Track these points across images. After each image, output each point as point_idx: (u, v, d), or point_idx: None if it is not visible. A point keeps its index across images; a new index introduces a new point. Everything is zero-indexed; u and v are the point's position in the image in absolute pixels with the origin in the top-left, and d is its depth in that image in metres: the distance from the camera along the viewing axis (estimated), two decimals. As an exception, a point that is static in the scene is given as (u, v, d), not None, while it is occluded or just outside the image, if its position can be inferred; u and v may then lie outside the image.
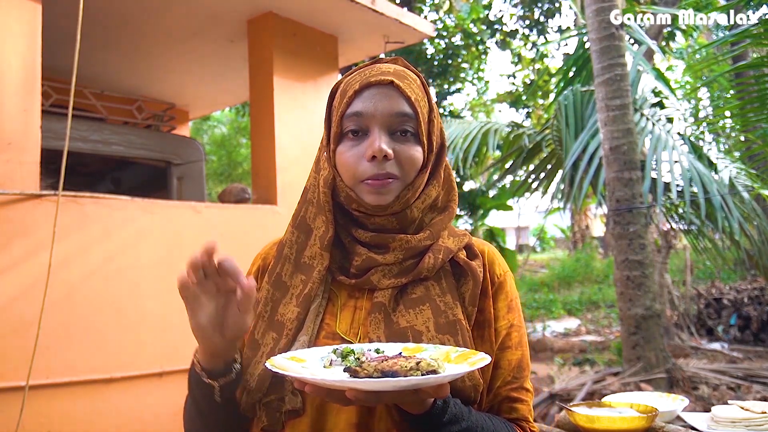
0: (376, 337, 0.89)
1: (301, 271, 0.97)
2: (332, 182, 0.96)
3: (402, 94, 0.93)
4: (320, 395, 0.75)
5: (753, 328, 7.32)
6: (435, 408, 0.80)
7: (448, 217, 1.02)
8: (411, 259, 0.95)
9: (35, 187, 2.53)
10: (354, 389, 0.70)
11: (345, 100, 0.94)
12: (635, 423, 1.28)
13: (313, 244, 0.97)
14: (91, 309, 2.69)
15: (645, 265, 4.44)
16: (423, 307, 0.92)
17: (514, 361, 0.96)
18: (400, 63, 1.01)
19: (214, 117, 14.93)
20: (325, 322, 0.94)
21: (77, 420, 2.58)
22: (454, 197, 1.05)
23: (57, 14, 2.95)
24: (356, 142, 0.93)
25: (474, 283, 0.95)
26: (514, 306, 1.00)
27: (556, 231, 22.32)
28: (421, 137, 0.94)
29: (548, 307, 11.08)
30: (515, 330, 0.98)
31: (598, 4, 4.71)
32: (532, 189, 6.71)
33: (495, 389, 0.95)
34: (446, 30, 10.46)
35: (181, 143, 4.41)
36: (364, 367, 0.74)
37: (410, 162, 0.93)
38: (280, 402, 0.88)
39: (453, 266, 0.97)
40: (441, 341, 0.89)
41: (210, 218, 3.23)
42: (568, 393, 4.43)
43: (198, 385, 0.88)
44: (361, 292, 0.96)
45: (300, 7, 3.59)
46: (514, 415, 0.96)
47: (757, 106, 4.95)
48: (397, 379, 0.69)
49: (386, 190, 0.92)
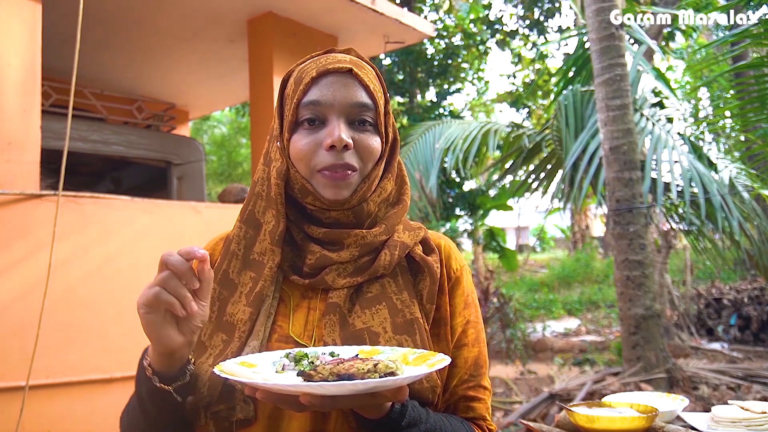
0: (331, 339, 0.86)
1: (251, 268, 0.92)
2: (285, 173, 0.91)
3: (360, 82, 0.90)
4: (272, 402, 0.71)
5: (753, 328, 7.32)
6: (393, 412, 0.77)
7: (402, 210, 0.98)
8: (366, 256, 0.92)
9: (35, 187, 2.53)
10: (308, 394, 0.66)
11: (301, 88, 0.90)
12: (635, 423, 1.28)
13: (263, 240, 0.93)
14: (91, 309, 2.69)
15: (645, 265, 4.44)
16: (379, 307, 0.89)
17: (470, 359, 0.94)
18: (353, 53, 0.98)
19: (214, 117, 14.93)
20: (277, 324, 0.90)
21: (77, 420, 2.58)
22: (407, 191, 1.01)
23: (57, 14, 2.96)
24: (313, 131, 0.89)
25: (431, 279, 0.92)
26: (471, 302, 0.97)
27: (556, 231, 22.32)
28: (379, 128, 0.92)
29: (548, 307, 11.08)
30: (471, 327, 0.95)
31: (598, 4, 4.71)
32: (532, 189, 6.71)
33: (451, 388, 0.93)
34: (446, 30, 10.46)
35: (181, 143, 4.41)
36: (318, 370, 0.70)
37: (369, 152, 0.90)
38: (231, 411, 0.83)
39: (409, 262, 0.94)
40: (398, 342, 0.86)
41: (210, 218, 3.23)
42: (568, 393, 4.43)
43: (148, 391, 0.81)
44: (314, 292, 0.92)
45: (300, 7, 3.59)
46: (471, 414, 0.93)
47: (757, 106, 4.95)
48: (354, 382, 0.66)
49: (344, 183, 0.88)
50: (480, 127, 6.45)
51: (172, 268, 0.75)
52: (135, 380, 0.85)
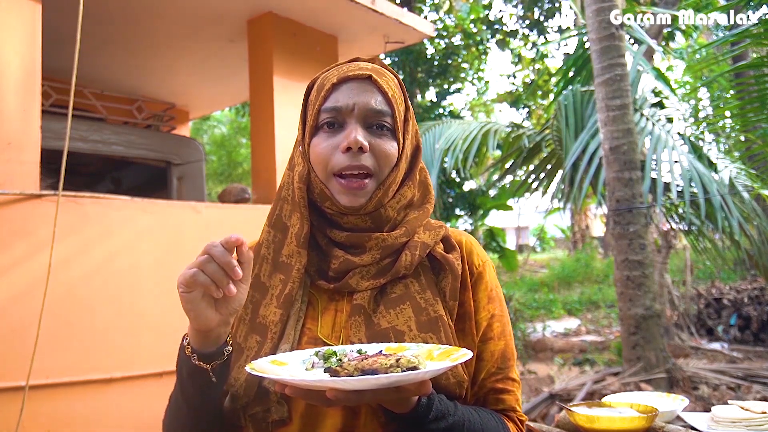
0: (357, 339, 0.89)
1: (280, 270, 0.96)
2: (307, 177, 0.95)
3: (379, 89, 0.92)
4: (301, 397, 0.74)
5: (753, 328, 7.32)
6: (420, 406, 0.79)
7: (424, 215, 1.00)
8: (388, 258, 0.94)
9: (35, 187, 2.53)
10: (334, 389, 0.69)
11: (322, 94, 0.93)
12: (635, 423, 1.28)
13: (290, 242, 0.96)
14: (91, 309, 2.69)
15: (645, 265, 4.43)
16: (403, 306, 0.91)
17: (497, 352, 0.95)
18: (378, 62, 1.00)
19: (214, 117, 14.93)
20: (306, 327, 0.93)
21: (77, 420, 2.58)
22: (431, 199, 1.03)
23: (57, 14, 2.95)
24: (331, 135, 0.92)
25: (453, 276, 0.94)
26: (495, 296, 0.98)
27: (556, 231, 22.32)
28: (397, 134, 0.93)
29: (548, 307, 11.07)
30: (497, 320, 0.97)
31: (598, 4, 4.70)
32: (532, 189, 6.71)
33: (480, 381, 0.94)
34: (446, 30, 10.46)
35: (181, 143, 4.41)
36: (344, 366, 0.73)
37: (385, 156, 0.92)
38: (266, 413, 0.86)
39: (431, 261, 0.96)
40: (423, 339, 0.88)
41: (210, 218, 3.23)
42: (568, 393, 4.43)
43: (188, 371, 0.85)
44: (340, 295, 0.95)
45: (300, 7, 3.59)
46: (501, 406, 0.95)
47: (757, 106, 4.95)
48: (377, 377, 0.68)
49: (361, 192, 0.91)
50: (480, 127, 6.45)
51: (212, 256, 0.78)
52: (176, 363, 0.88)
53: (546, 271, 15.86)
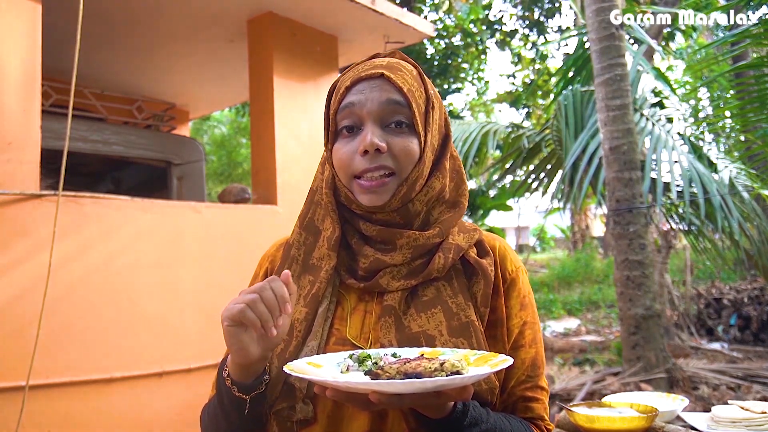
0: (387, 341, 0.87)
1: (309, 272, 0.95)
2: (332, 182, 0.95)
3: (393, 84, 0.90)
4: (341, 400, 0.73)
5: (753, 328, 7.31)
6: (455, 412, 0.78)
7: (458, 214, 0.99)
8: (420, 259, 0.93)
9: (35, 187, 2.53)
10: (378, 392, 0.68)
11: (337, 98, 0.93)
12: (635, 423, 1.28)
13: (321, 246, 0.96)
14: (91, 309, 2.69)
15: (645, 265, 4.43)
16: (435, 310, 0.89)
17: (528, 360, 0.94)
18: (397, 56, 0.98)
19: (214, 117, 14.92)
20: (334, 327, 0.92)
21: (77, 420, 2.58)
22: (465, 192, 1.01)
23: (57, 14, 2.96)
24: (351, 138, 0.91)
25: (485, 282, 0.93)
26: (527, 303, 0.97)
27: (556, 231, 22.32)
28: (416, 128, 0.91)
29: (548, 307, 11.07)
30: (528, 327, 0.96)
31: (598, 4, 4.70)
32: (532, 189, 6.71)
33: (509, 389, 0.93)
34: (446, 30, 10.46)
35: (181, 143, 4.40)
36: (385, 369, 0.72)
37: (405, 154, 0.90)
38: (291, 411, 0.86)
39: (464, 265, 0.95)
40: (454, 345, 0.87)
41: (210, 218, 3.23)
42: (568, 393, 4.43)
43: (229, 399, 0.86)
44: (370, 295, 0.94)
45: (300, 7, 3.59)
46: (530, 415, 0.94)
47: (757, 106, 4.95)
48: (423, 380, 0.67)
49: (382, 189, 0.89)
50: (480, 127, 6.45)
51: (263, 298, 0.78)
52: (215, 387, 0.91)
53: (546, 271, 15.86)
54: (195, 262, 3.09)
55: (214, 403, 0.91)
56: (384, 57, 0.98)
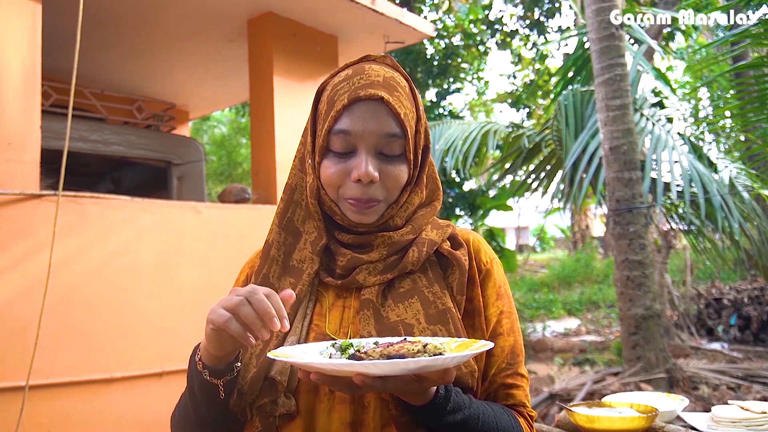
0: (366, 333, 0.89)
1: (290, 274, 0.96)
2: (317, 192, 0.96)
3: (392, 111, 0.90)
4: (326, 383, 0.74)
5: (753, 328, 7.32)
6: (438, 397, 0.79)
7: (431, 212, 1.01)
8: (395, 255, 0.95)
9: (35, 187, 2.53)
10: (362, 374, 0.68)
11: (332, 114, 0.90)
12: (635, 423, 1.28)
13: (303, 248, 0.97)
14: (91, 309, 2.69)
15: (645, 265, 4.43)
16: (412, 300, 0.91)
17: (507, 348, 0.96)
18: (389, 62, 0.98)
19: (214, 117, 14.92)
20: (314, 324, 0.93)
21: (77, 420, 2.58)
22: (439, 196, 1.03)
23: (57, 14, 2.95)
24: (342, 160, 0.91)
25: (460, 272, 0.95)
26: (503, 293, 0.99)
27: (556, 231, 22.32)
28: (408, 155, 0.93)
29: (548, 307, 11.08)
30: (506, 316, 0.98)
31: (598, 4, 4.71)
32: (532, 189, 6.71)
33: (490, 377, 0.95)
34: (446, 30, 10.46)
35: (181, 143, 4.40)
36: (369, 353, 0.73)
37: (395, 183, 0.93)
38: (273, 405, 0.86)
39: (438, 257, 0.97)
40: (433, 332, 0.88)
41: (210, 218, 3.23)
42: (568, 393, 4.43)
43: (200, 385, 0.87)
44: (348, 291, 0.95)
45: (300, 7, 3.59)
46: (511, 401, 0.96)
47: (757, 106, 4.95)
48: (406, 360, 0.68)
49: (371, 211, 0.92)
50: (480, 127, 6.45)
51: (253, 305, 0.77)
52: (187, 374, 0.91)
53: (546, 271, 15.86)
54: (195, 262, 3.09)
55: (185, 396, 0.93)
56: (376, 63, 0.96)
